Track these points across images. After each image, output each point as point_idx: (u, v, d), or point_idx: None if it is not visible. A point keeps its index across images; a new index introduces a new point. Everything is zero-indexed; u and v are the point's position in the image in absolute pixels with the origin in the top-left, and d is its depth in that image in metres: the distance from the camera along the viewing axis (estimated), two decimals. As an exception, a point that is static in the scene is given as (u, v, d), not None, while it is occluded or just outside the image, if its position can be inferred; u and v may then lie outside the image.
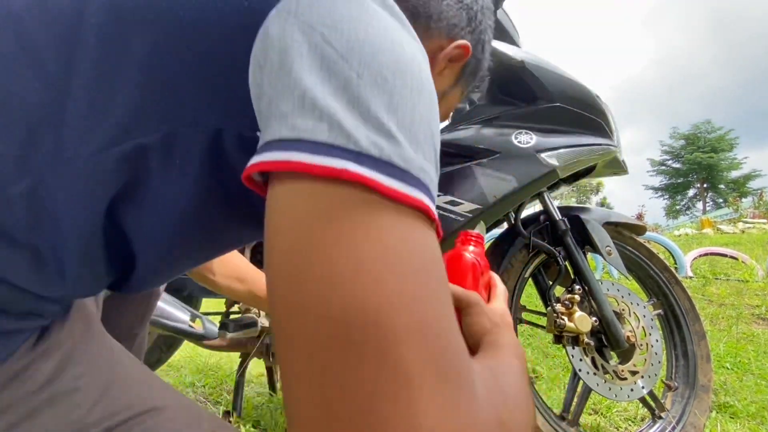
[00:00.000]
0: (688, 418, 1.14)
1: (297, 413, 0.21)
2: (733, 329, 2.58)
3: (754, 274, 3.94)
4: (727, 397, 1.61)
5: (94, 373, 0.40)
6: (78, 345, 0.40)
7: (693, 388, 1.18)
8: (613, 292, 1.15)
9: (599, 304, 1.08)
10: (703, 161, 28.29)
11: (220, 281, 0.80)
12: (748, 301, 3.14)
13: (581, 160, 1.06)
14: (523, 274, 1.14)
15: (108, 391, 0.39)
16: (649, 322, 1.14)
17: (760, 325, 2.72)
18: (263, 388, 1.53)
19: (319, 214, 0.22)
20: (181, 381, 1.57)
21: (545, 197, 1.14)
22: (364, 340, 0.20)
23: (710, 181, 29.37)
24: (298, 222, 0.23)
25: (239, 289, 0.84)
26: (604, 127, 1.10)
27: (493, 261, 1.14)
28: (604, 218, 1.18)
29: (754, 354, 2.15)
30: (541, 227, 1.15)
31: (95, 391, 0.39)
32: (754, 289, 3.45)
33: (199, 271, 0.77)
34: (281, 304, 0.22)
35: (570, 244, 1.12)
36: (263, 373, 1.67)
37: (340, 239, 0.21)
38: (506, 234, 1.17)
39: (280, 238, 0.23)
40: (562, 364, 1.98)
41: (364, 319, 0.20)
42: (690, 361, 1.21)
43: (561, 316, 1.06)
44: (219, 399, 1.45)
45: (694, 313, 1.24)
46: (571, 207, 1.20)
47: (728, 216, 12.04)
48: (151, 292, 0.76)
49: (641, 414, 1.43)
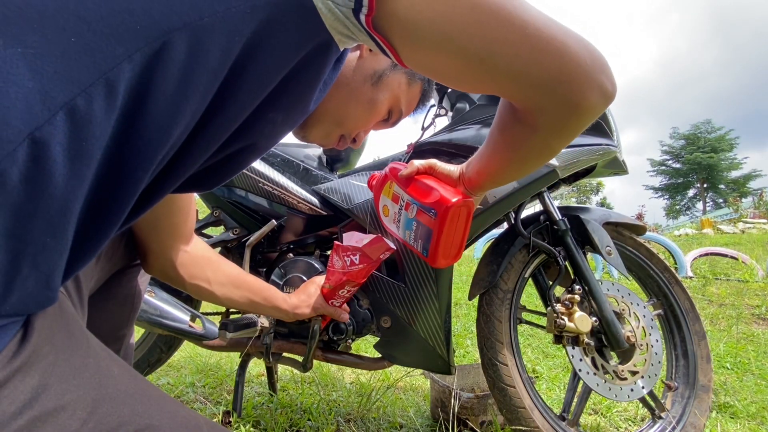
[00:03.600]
0: (688, 418, 1.14)
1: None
2: (733, 329, 2.58)
3: (754, 274, 3.94)
4: (727, 397, 1.61)
5: (81, 388, 0.37)
6: (61, 356, 0.37)
7: (693, 388, 1.18)
8: (613, 292, 1.15)
9: (599, 304, 1.08)
10: (703, 161, 28.27)
11: (217, 290, 0.79)
12: (748, 301, 3.14)
13: (581, 160, 1.06)
14: (523, 274, 1.14)
15: (97, 409, 0.36)
16: (649, 322, 1.14)
17: (760, 325, 2.72)
18: (263, 388, 1.53)
19: None
20: (181, 381, 1.57)
21: (545, 197, 1.14)
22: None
23: (710, 181, 29.35)
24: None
25: (237, 295, 0.83)
26: (604, 127, 1.10)
27: (493, 261, 1.14)
28: (604, 218, 1.18)
29: (754, 354, 2.15)
30: (541, 227, 1.15)
31: (83, 409, 0.36)
32: (754, 289, 3.45)
33: (195, 282, 0.75)
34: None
35: (570, 244, 1.12)
36: (263, 373, 1.68)
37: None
38: (506, 234, 1.17)
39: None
40: (562, 364, 1.98)
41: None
42: (690, 361, 1.21)
43: (561, 316, 1.06)
44: (219, 399, 1.45)
45: (694, 313, 1.24)
46: (571, 207, 1.20)
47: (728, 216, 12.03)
48: (135, 291, 0.75)
49: (641, 414, 1.43)
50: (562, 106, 0.45)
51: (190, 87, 0.36)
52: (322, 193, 1.14)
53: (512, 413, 1.05)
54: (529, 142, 0.52)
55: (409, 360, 1.10)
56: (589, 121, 0.47)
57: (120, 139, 0.35)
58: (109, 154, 0.35)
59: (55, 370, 0.36)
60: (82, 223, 0.36)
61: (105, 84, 0.32)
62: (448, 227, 0.68)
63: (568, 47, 0.41)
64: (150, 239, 0.70)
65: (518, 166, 0.58)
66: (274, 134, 0.51)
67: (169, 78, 0.35)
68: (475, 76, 0.44)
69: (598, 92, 0.43)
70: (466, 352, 2.17)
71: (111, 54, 0.32)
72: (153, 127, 0.36)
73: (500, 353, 1.07)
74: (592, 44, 0.43)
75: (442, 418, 1.22)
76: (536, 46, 0.40)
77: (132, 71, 0.33)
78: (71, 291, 0.53)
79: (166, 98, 0.35)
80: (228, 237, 1.18)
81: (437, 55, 0.42)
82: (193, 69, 0.35)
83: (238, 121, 0.43)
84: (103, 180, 0.36)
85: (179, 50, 0.34)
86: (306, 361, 1.07)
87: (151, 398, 0.41)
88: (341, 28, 0.40)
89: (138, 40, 0.33)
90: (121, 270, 0.72)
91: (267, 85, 0.42)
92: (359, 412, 1.33)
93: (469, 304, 2.98)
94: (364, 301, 1.08)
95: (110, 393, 0.38)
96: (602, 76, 0.43)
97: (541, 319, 1.12)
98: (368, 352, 1.93)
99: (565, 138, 0.50)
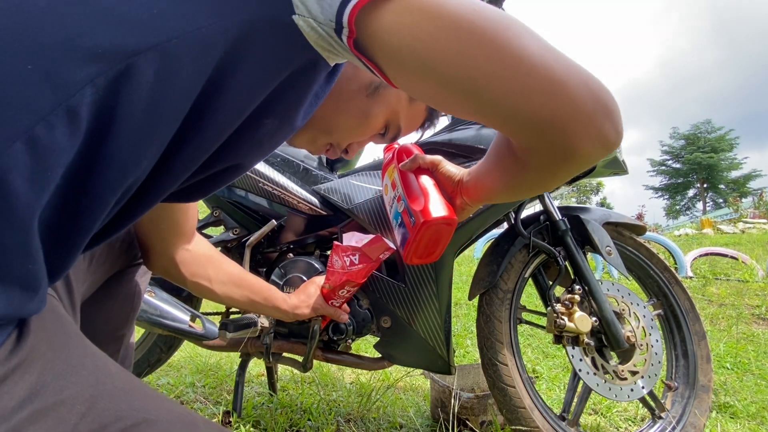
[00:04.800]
0: (688, 418, 1.14)
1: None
2: (733, 329, 2.58)
3: (754, 274, 3.94)
4: (727, 397, 1.61)
5: (79, 384, 0.37)
6: (58, 355, 0.38)
7: (693, 388, 1.18)
8: (613, 292, 1.15)
9: (599, 304, 1.08)
10: (703, 161, 28.25)
11: (217, 288, 0.79)
12: (748, 301, 3.14)
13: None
14: (523, 274, 1.14)
15: (96, 404, 0.37)
16: (649, 322, 1.14)
17: (760, 325, 2.72)
18: (263, 388, 1.53)
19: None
20: (181, 381, 1.57)
21: (545, 197, 1.15)
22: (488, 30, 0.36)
23: (710, 181, 29.33)
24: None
25: (237, 294, 0.83)
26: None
27: (493, 261, 1.14)
28: (604, 218, 1.18)
29: (754, 354, 2.15)
30: (541, 227, 1.15)
31: (82, 404, 0.36)
32: (754, 289, 3.45)
33: (196, 280, 0.75)
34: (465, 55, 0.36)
35: (570, 244, 1.12)
36: (263, 373, 1.67)
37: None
38: (506, 234, 1.17)
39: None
40: (562, 364, 1.98)
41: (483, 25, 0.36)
42: (690, 361, 1.21)
43: (561, 316, 1.06)
44: (219, 399, 1.45)
45: (694, 313, 1.24)
46: (571, 207, 1.20)
47: (728, 216, 12.03)
48: (135, 290, 0.75)
49: (641, 414, 1.43)
50: (554, 151, 0.41)
51: (160, 109, 0.35)
52: (322, 193, 1.14)
53: (512, 413, 1.05)
54: (521, 176, 0.50)
55: (409, 360, 1.10)
56: (585, 167, 0.43)
57: (88, 162, 0.35)
58: (75, 178, 0.35)
59: (53, 368, 0.37)
60: (46, 245, 0.36)
61: (66, 111, 0.31)
62: (423, 238, 0.67)
63: (566, 87, 0.37)
64: (151, 237, 0.70)
65: (511, 194, 0.56)
66: (259, 153, 0.50)
67: (136, 101, 0.34)
68: (462, 108, 0.41)
69: (597, 140, 0.39)
70: (466, 352, 2.17)
71: (71, 80, 0.31)
72: (122, 150, 0.35)
73: (500, 353, 1.07)
74: (599, 84, 0.38)
75: (442, 418, 1.22)
76: (528, 84, 0.37)
77: (95, 95, 0.32)
78: (62, 296, 0.53)
79: (134, 121, 0.34)
80: (228, 237, 1.18)
81: (420, 82, 0.40)
82: (162, 90, 0.34)
83: (217, 140, 0.42)
84: (69, 203, 0.36)
85: (146, 72, 0.33)
86: (306, 361, 1.07)
87: (148, 395, 0.41)
88: (326, 45, 0.39)
89: (100, 64, 0.32)
90: (120, 270, 0.72)
91: (248, 104, 0.41)
92: (359, 412, 1.33)
93: (469, 304, 2.98)
94: (364, 301, 1.08)
95: (108, 389, 0.39)
96: (604, 123, 0.38)
97: (541, 319, 1.12)
98: (368, 352, 1.93)
99: (560, 179, 0.47)
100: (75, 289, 0.56)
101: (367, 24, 0.36)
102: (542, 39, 0.38)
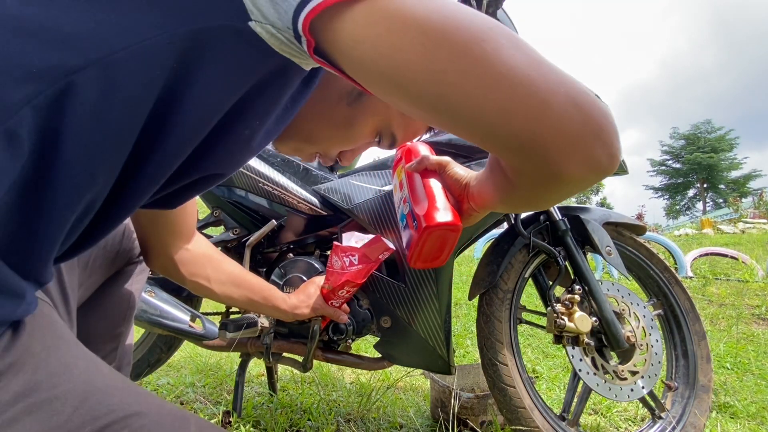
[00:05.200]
0: (688, 418, 1.14)
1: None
2: (733, 329, 2.58)
3: (754, 274, 3.94)
4: (727, 397, 1.61)
5: (71, 382, 0.38)
6: (51, 354, 0.39)
7: (693, 389, 1.18)
8: (613, 292, 1.15)
9: (599, 304, 1.08)
10: (703, 161, 28.26)
11: (216, 288, 0.79)
12: (748, 301, 3.14)
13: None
14: (523, 274, 1.14)
15: (88, 398, 0.38)
16: (649, 322, 1.14)
17: (760, 325, 2.72)
18: (263, 388, 1.53)
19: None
20: (181, 381, 1.57)
21: (545, 197, 1.14)
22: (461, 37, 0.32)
23: (710, 181, 29.34)
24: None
25: (236, 294, 0.83)
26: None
27: (493, 261, 1.14)
28: (604, 218, 1.18)
29: (754, 354, 2.15)
30: (541, 227, 1.15)
31: (75, 398, 0.37)
32: (754, 289, 3.45)
33: (195, 279, 0.75)
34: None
35: (570, 244, 1.12)
36: (263, 373, 1.67)
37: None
38: (506, 234, 1.17)
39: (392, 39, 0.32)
40: (562, 364, 1.98)
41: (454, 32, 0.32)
42: (690, 361, 1.21)
43: (561, 316, 1.06)
44: (219, 399, 1.45)
45: (694, 313, 1.24)
46: (571, 207, 1.20)
47: (728, 216, 12.03)
48: (132, 289, 0.75)
49: (641, 414, 1.43)
50: (540, 174, 0.37)
51: (109, 124, 0.34)
52: (322, 193, 1.14)
53: (512, 413, 1.05)
54: (513, 193, 0.46)
55: (409, 360, 1.10)
56: (580, 190, 0.39)
57: (36, 181, 0.34)
58: (26, 196, 0.34)
59: (47, 367, 0.38)
60: (14, 257, 0.36)
61: (4, 134, 0.31)
62: (426, 243, 0.66)
63: (550, 107, 0.32)
64: (150, 237, 0.70)
65: (510, 208, 0.52)
66: (235, 161, 0.49)
67: (81, 118, 0.33)
68: (438, 124, 0.37)
69: (586, 165, 0.35)
70: (466, 352, 2.17)
71: (8, 102, 0.30)
72: (71, 167, 0.34)
73: (500, 353, 1.07)
74: (591, 102, 0.34)
75: (442, 418, 1.22)
76: (506, 104, 0.32)
77: (36, 116, 0.31)
78: (58, 302, 0.54)
79: (81, 139, 0.33)
80: (228, 237, 1.18)
81: (389, 96, 0.36)
82: (108, 106, 0.33)
83: (182, 152, 0.40)
84: (25, 219, 0.35)
85: (88, 88, 0.32)
86: (306, 361, 1.07)
87: (140, 393, 0.42)
88: (293, 52, 0.36)
89: (38, 83, 0.31)
90: (118, 269, 0.73)
91: (210, 114, 0.39)
92: (359, 412, 1.33)
93: (469, 304, 2.98)
94: (364, 301, 1.08)
95: (99, 387, 0.39)
96: (594, 146, 0.34)
97: (541, 319, 1.12)
98: (368, 352, 1.93)
99: (557, 200, 0.44)
100: (70, 295, 0.56)
101: (325, 32, 0.33)
102: (526, 48, 0.33)
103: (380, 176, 1.13)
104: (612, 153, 0.35)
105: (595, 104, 0.34)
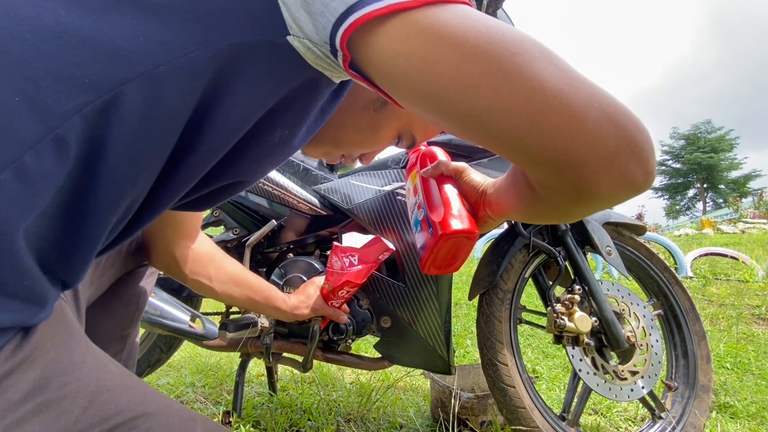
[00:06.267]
0: (688, 418, 1.14)
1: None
2: (733, 329, 2.58)
3: (754, 274, 3.93)
4: (727, 397, 1.61)
5: (81, 380, 0.39)
6: (61, 352, 0.39)
7: (693, 389, 1.18)
8: (613, 292, 1.15)
9: (599, 304, 1.08)
10: (703, 161, 28.24)
11: (217, 287, 0.79)
12: (748, 301, 3.13)
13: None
14: (523, 274, 1.14)
15: (97, 398, 0.38)
16: (649, 322, 1.14)
17: (760, 325, 2.72)
18: (263, 388, 1.53)
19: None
20: (181, 381, 1.57)
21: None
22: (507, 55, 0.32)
23: (710, 181, 29.31)
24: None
25: (237, 293, 0.83)
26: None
27: (493, 261, 1.14)
28: (604, 218, 1.18)
29: (754, 354, 2.15)
30: (541, 227, 1.15)
31: (83, 398, 0.38)
32: (754, 289, 3.45)
33: (196, 278, 0.76)
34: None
35: (570, 244, 1.12)
36: (263, 373, 1.68)
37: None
38: (506, 234, 1.17)
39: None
40: (562, 364, 1.98)
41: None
42: (690, 361, 1.21)
43: (561, 316, 1.06)
44: (219, 399, 1.45)
45: (694, 313, 1.24)
46: (571, 207, 1.20)
47: (728, 216, 12.03)
48: (140, 291, 0.75)
49: (641, 414, 1.43)
50: (571, 190, 0.36)
51: (152, 133, 0.35)
52: (322, 193, 1.14)
53: (512, 413, 1.05)
54: (536, 206, 0.45)
55: (409, 360, 1.10)
56: (612, 206, 0.39)
57: (81, 186, 0.35)
58: (70, 201, 0.35)
59: (56, 365, 0.38)
60: (51, 261, 0.37)
61: (54, 141, 0.32)
62: (441, 250, 0.65)
63: (585, 123, 0.32)
64: (154, 234, 0.71)
65: (530, 219, 0.52)
66: (261, 170, 0.50)
67: (127, 127, 0.34)
68: (468, 138, 0.38)
69: (620, 183, 0.34)
70: (466, 352, 2.17)
71: (59, 111, 0.32)
72: (115, 173, 0.36)
73: (500, 353, 1.07)
74: (628, 117, 0.33)
75: (442, 418, 1.22)
76: (539, 119, 0.32)
77: (84, 124, 0.33)
78: (69, 300, 0.54)
79: (126, 146, 0.35)
80: (228, 237, 1.18)
81: (420, 110, 0.37)
82: (152, 115, 0.35)
83: (212, 158, 0.42)
84: (68, 223, 0.36)
85: (135, 100, 0.33)
86: (306, 361, 1.07)
87: (147, 392, 0.43)
88: (326, 65, 0.37)
89: (88, 94, 0.32)
90: (128, 271, 0.73)
91: (241, 124, 0.40)
92: (359, 412, 1.33)
93: (469, 304, 2.98)
94: (364, 301, 1.08)
95: (108, 386, 0.40)
96: (629, 163, 0.33)
97: (541, 319, 1.12)
98: (368, 352, 1.93)
99: (584, 214, 0.43)
100: (81, 293, 0.57)
101: (361, 48, 0.34)
102: (561, 62, 0.33)
103: (380, 176, 1.13)
104: (648, 170, 0.34)
105: (631, 119, 0.33)
